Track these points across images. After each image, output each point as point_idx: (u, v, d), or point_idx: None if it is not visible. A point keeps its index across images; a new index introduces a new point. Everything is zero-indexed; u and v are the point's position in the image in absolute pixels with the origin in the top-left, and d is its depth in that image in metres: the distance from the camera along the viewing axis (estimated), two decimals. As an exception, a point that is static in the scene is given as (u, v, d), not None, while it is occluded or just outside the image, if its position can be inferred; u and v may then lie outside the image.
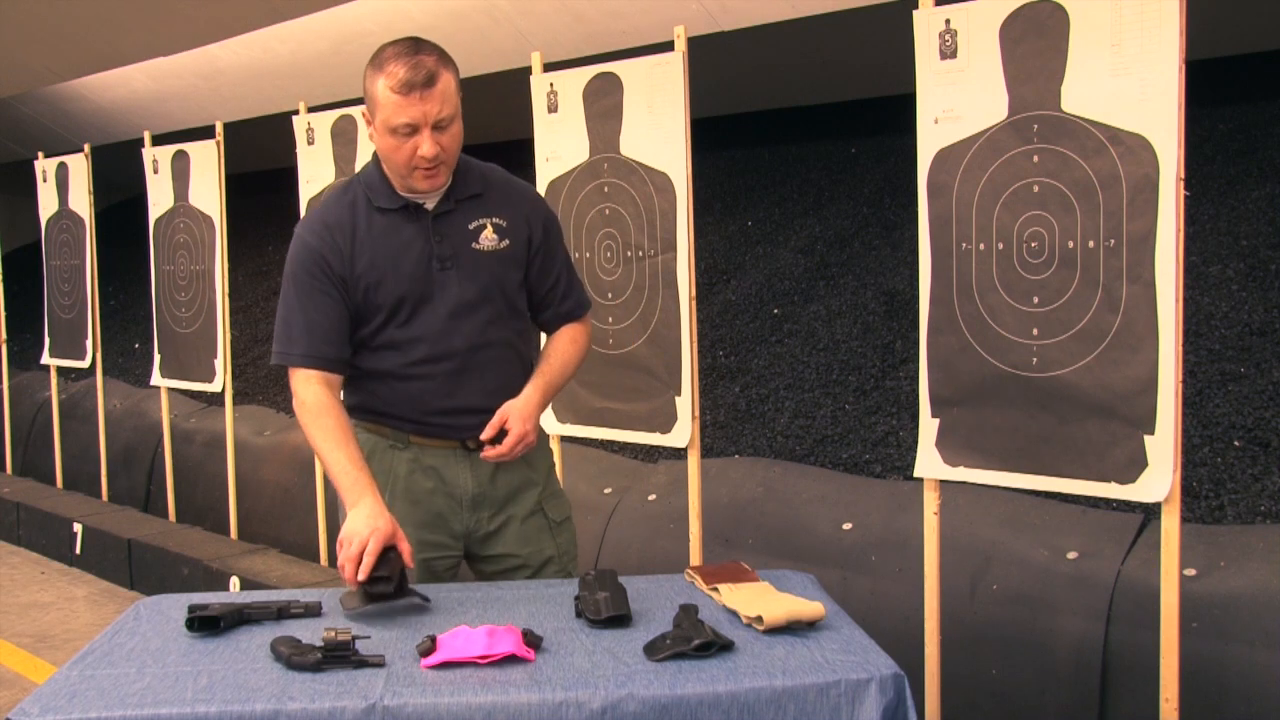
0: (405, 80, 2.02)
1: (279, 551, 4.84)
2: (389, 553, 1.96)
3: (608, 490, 4.13)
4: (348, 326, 2.17)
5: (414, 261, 2.16)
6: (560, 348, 2.33)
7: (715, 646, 1.74)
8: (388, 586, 1.94)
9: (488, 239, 2.20)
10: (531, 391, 2.22)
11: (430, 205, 2.18)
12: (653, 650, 1.75)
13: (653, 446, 4.16)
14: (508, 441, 2.14)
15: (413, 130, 2.05)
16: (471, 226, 2.20)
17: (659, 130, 3.06)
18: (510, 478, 2.27)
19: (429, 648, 1.72)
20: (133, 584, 5.10)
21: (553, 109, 3.28)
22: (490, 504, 2.26)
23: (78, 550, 5.48)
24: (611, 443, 4.30)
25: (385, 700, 1.59)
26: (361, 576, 1.92)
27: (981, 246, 2.50)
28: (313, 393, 2.14)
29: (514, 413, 2.16)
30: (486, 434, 2.15)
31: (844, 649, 1.76)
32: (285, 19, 6.09)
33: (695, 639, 1.74)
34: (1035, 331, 2.43)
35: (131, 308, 8.50)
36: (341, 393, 2.23)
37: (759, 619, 1.85)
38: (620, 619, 1.87)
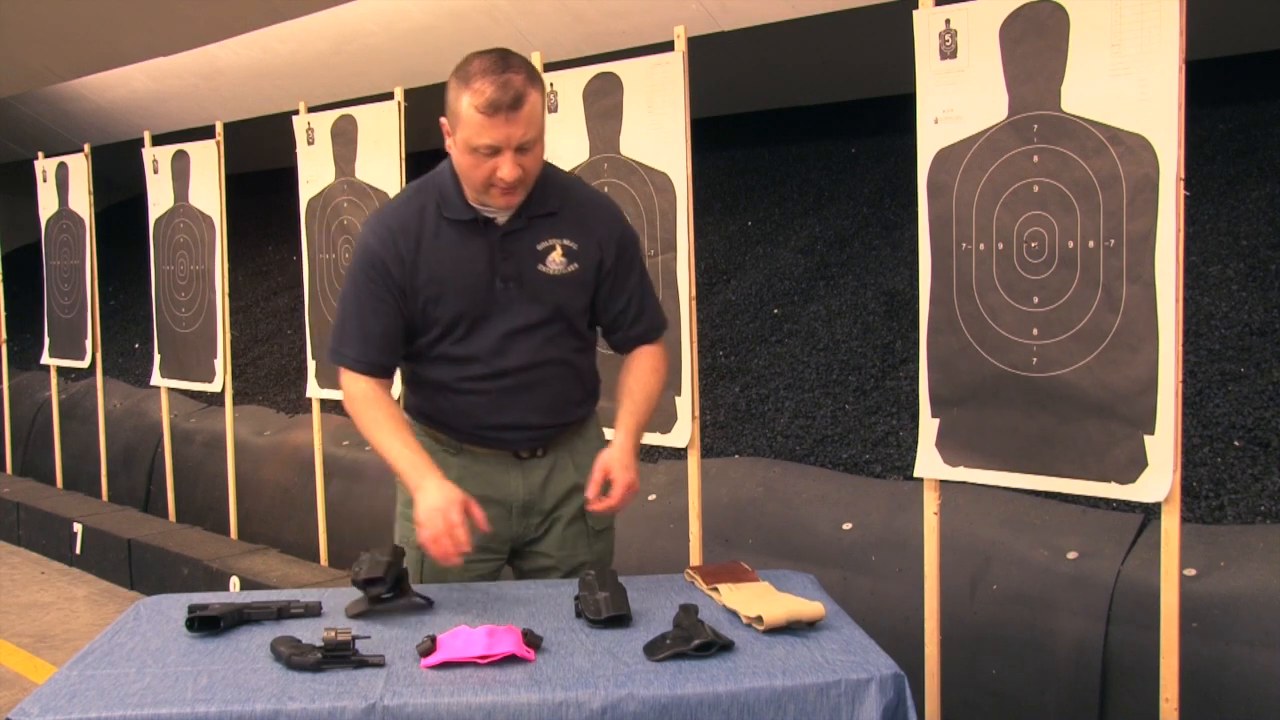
0: (492, 100, 1.93)
1: (279, 551, 4.84)
2: (382, 557, 1.96)
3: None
4: (401, 334, 2.15)
5: (476, 278, 2.10)
6: (642, 380, 2.24)
7: (715, 646, 1.74)
8: (381, 588, 1.94)
9: (555, 262, 2.12)
10: (625, 438, 2.15)
11: (501, 220, 2.10)
12: (653, 650, 1.75)
13: (653, 446, 4.16)
14: (616, 494, 2.08)
15: (494, 152, 1.97)
16: (540, 247, 2.12)
17: (659, 130, 3.06)
18: (559, 486, 2.24)
19: (429, 648, 1.72)
20: (133, 584, 5.10)
21: (553, 109, 3.28)
22: (539, 511, 2.24)
23: (78, 550, 5.48)
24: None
25: (385, 700, 1.59)
26: (465, 548, 1.93)
27: (981, 246, 2.50)
28: (360, 387, 2.14)
29: (614, 464, 2.10)
30: (591, 491, 2.09)
31: (844, 649, 1.76)
32: (285, 19, 6.09)
33: (695, 639, 1.74)
34: (1035, 331, 2.43)
35: (131, 308, 8.51)
36: (399, 389, 2.24)
37: (759, 619, 1.85)
38: (620, 619, 1.87)
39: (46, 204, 6.28)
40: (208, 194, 5.00)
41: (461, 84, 1.97)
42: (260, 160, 7.56)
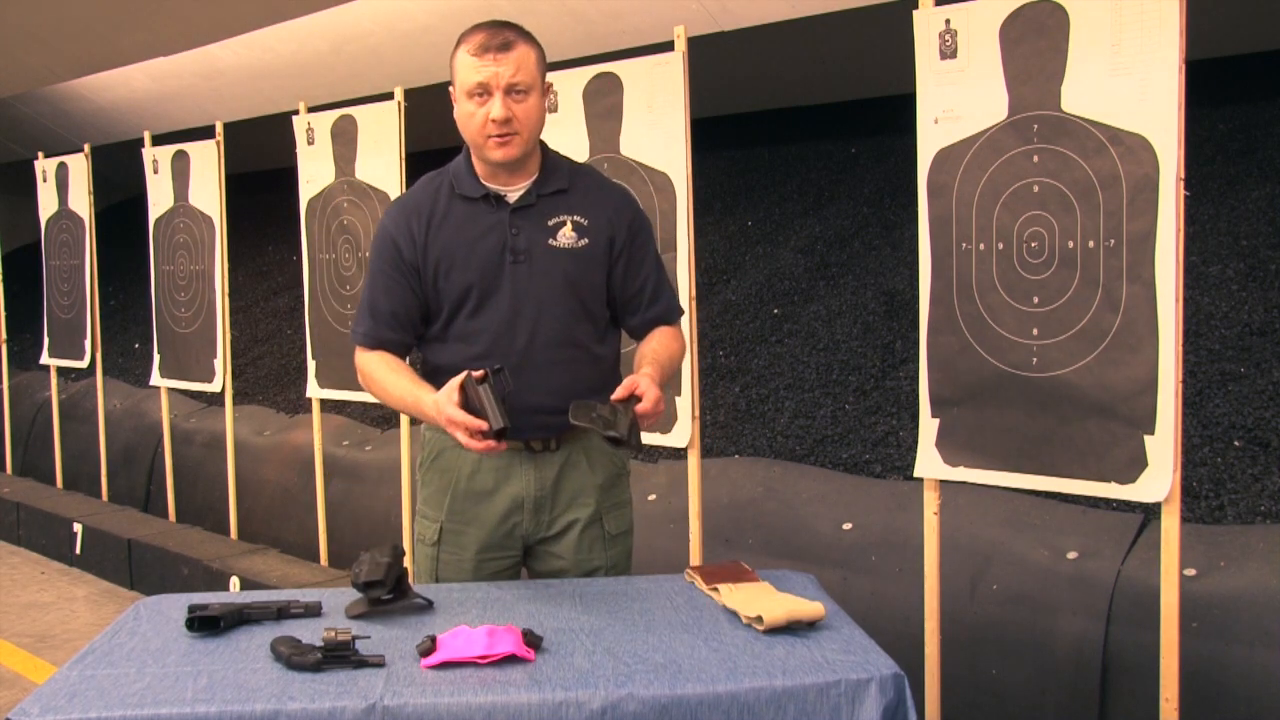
0: (481, 43, 2.06)
1: (279, 551, 4.84)
2: (382, 558, 1.95)
3: (608, 490, 4.12)
4: (414, 314, 2.20)
5: (487, 252, 2.15)
6: (664, 340, 2.24)
7: (628, 449, 1.91)
8: (381, 590, 1.94)
9: (565, 236, 2.17)
10: (651, 369, 2.12)
11: (512, 198, 2.17)
12: (576, 414, 1.90)
13: (653, 446, 4.16)
14: (648, 403, 1.99)
15: (484, 92, 2.07)
16: (550, 223, 2.17)
17: (659, 130, 3.06)
18: (572, 483, 2.23)
19: (429, 648, 1.72)
20: (133, 584, 5.11)
21: (553, 109, 3.27)
22: (550, 509, 2.23)
23: (78, 550, 5.48)
24: (611, 443, 4.29)
25: (385, 700, 1.59)
26: (476, 425, 1.92)
27: (981, 246, 2.50)
28: (367, 356, 2.21)
29: (641, 378, 2.04)
30: (619, 395, 2.02)
31: (844, 649, 1.76)
32: (285, 19, 6.09)
33: (610, 431, 1.88)
34: (1035, 331, 2.43)
35: (131, 308, 8.51)
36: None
37: (759, 619, 1.85)
38: (500, 433, 1.92)
39: (46, 204, 6.28)
40: (208, 194, 5.00)
41: (459, 42, 2.13)
42: (260, 160, 7.57)
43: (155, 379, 5.46)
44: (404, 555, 2.00)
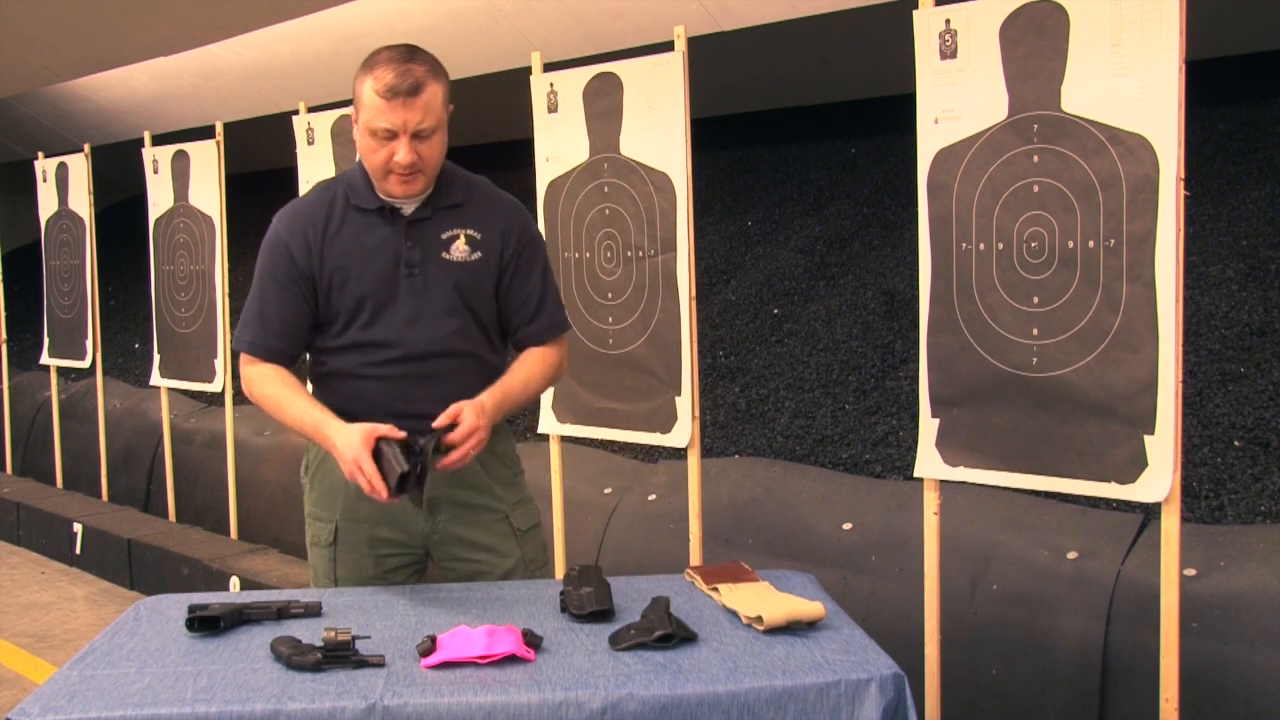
0: (390, 85, 2.04)
1: (279, 551, 4.84)
2: (387, 449, 1.97)
3: (608, 490, 4.13)
4: (304, 322, 2.20)
5: (382, 264, 2.17)
6: (527, 364, 2.27)
7: (676, 639, 1.76)
8: (410, 481, 1.97)
9: (459, 250, 2.20)
10: (486, 395, 2.15)
11: (408, 210, 2.19)
12: (617, 640, 1.77)
13: (653, 446, 4.16)
14: (460, 431, 2.05)
15: (391, 136, 2.07)
16: (444, 236, 2.19)
17: (659, 130, 3.06)
18: (468, 483, 2.24)
19: (429, 648, 1.72)
20: (133, 584, 5.11)
21: (553, 109, 3.28)
22: (446, 509, 2.23)
23: (78, 550, 5.48)
24: (611, 443, 4.30)
25: (385, 700, 1.59)
26: (384, 486, 1.95)
27: (981, 246, 2.50)
28: (255, 370, 2.20)
29: (466, 405, 2.08)
30: (439, 422, 2.06)
31: (844, 649, 1.77)
32: (285, 19, 6.09)
33: (657, 630, 1.76)
34: (1035, 331, 2.43)
35: (131, 308, 8.51)
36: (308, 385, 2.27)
37: (759, 619, 1.85)
38: (603, 614, 1.89)
39: (46, 204, 6.28)
40: (208, 194, 5.00)
41: (365, 72, 2.08)
42: (260, 160, 7.56)
43: (155, 379, 5.46)
44: (416, 445, 2.01)
